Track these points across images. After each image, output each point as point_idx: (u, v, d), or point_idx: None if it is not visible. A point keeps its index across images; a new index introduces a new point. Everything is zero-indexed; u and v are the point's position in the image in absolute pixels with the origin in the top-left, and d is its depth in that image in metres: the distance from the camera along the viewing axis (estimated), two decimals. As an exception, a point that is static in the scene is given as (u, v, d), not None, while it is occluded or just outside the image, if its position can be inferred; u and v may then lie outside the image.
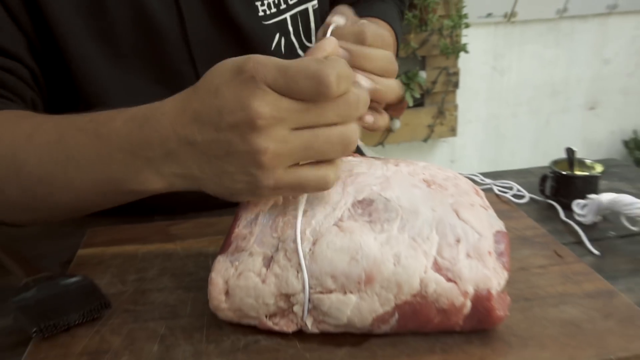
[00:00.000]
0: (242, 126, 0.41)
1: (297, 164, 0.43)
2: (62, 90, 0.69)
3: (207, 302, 0.52)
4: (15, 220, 0.62)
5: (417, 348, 0.45)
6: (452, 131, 2.46)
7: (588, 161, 0.75)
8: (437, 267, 0.44)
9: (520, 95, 2.59)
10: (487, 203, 0.52)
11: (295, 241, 0.44)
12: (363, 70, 0.51)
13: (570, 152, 0.73)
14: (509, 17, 2.39)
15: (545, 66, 2.56)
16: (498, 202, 0.73)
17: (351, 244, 0.44)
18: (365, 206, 0.46)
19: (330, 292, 0.44)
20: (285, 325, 0.46)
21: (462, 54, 2.27)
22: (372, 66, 0.51)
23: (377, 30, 0.54)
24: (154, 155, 0.46)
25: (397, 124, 2.30)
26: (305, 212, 0.46)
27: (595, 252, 0.64)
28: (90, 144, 0.50)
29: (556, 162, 0.75)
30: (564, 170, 0.74)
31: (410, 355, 0.45)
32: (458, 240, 0.45)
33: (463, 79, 2.42)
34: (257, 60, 0.41)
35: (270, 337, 0.47)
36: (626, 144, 2.72)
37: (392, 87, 0.53)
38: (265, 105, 0.40)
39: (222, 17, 0.71)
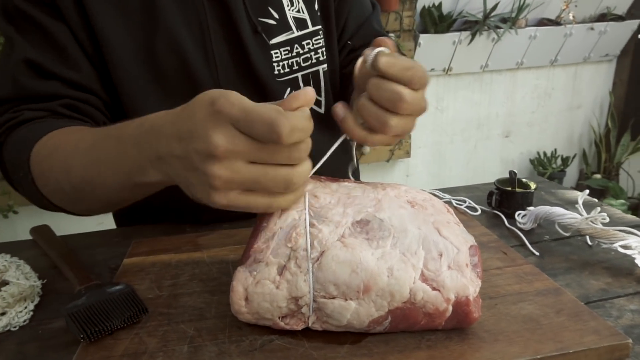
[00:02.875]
0: (202, 153, 0.36)
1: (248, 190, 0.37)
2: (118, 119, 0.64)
3: (229, 304, 0.45)
4: (74, 210, 0.57)
5: (407, 345, 0.39)
6: (407, 154, 2.41)
7: (524, 180, 0.69)
8: (424, 278, 0.38)
9: (455, 127, 2.54)
10: (457, 219, 0.45)
11: (305, 249, 0.39)
12: (398, 112, 0.42)
13: (512, 173, 0.67)
14: (447, 70, 2.35)
15: (472, 106, 2.53)
16: (457, 214, 0.67)
17: (352, 258, 0.38)
18: (363, 225, 0.40)
19: (333, 297, 0.39)
20: (295, 324, 0.40)
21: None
22: (409, 110, 0.42)
23: (422, 71, 0.43)
24: (152, 155, 0.41)
25: (367, 149, 2.24)
26: (312, 225, 0.40)
27: (536, 253, 0.58)
28: (113, 146, 0.46)
29: (499, 181, 0.69)
30: (506, 187, 0.68)
31: (400, 351, 0.38)
32: (440, 255, 0.39)
33: (414, 116, 2.36)
34: (228, 98, 0.36)
35: (283, 337, 0.40)
36: (532, 162, 2.68)
37: (408, 128, 0.44)
38: (224, 139, 0.35)
39: (247, 70, 0.65)
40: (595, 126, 2.73)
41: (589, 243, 0.60)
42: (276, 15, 0.65)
